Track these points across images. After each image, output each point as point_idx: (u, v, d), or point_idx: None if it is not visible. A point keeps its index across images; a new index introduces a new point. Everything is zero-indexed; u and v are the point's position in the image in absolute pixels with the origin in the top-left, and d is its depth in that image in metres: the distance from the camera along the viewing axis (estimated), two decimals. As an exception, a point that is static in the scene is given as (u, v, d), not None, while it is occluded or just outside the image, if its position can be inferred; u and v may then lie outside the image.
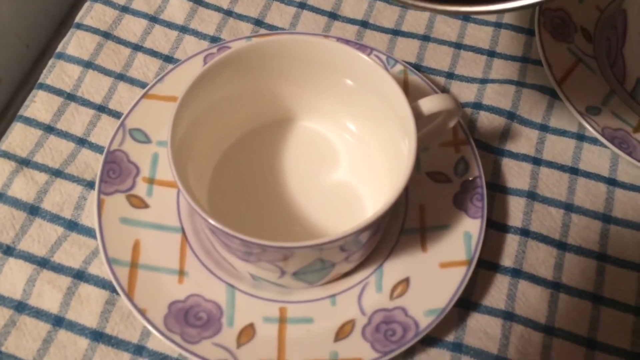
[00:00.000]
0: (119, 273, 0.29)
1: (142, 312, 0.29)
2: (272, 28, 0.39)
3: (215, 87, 0.30)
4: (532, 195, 0.34)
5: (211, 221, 0.25)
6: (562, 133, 0.36)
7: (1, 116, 0.39)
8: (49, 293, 0.31)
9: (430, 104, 0.29)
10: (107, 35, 0.38)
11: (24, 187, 0.33)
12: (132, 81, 0.37)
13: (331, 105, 0.33)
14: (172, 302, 0.29)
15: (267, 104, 0.33)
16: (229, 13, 0.39)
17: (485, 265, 0.32)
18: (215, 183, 0.32)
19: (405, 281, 0.30)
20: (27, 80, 0.41)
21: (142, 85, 0.36)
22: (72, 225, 0.32)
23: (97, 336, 0.30)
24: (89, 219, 0.32)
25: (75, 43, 0.37)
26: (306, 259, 0.27)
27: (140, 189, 0.32)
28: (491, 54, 0.39)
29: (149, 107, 0.34)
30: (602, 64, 0.38)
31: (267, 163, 0.33)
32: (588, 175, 0.35)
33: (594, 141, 0.36)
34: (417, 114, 0.28)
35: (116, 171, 0.32)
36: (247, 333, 0.29)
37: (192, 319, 0.29)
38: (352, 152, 0.34)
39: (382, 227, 0.30)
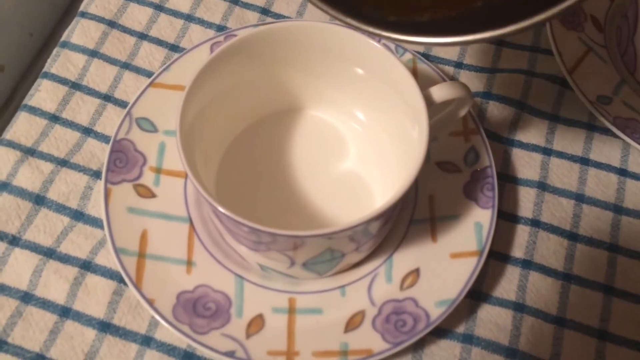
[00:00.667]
0: (127, 263, 0.29)
1: (150, 303, 0.28)
2: (278, 17, 0.39)
3: (223, 75, 0.29)
4: (542, 186, 0.34)
5: (221, 209, 0.25)
6: (573, 123, 0.36)
7: (5, 105, 0.39)
8: (55, 283, 0.30)
9: (441, 92, 0.28)
10: (112, 23, 0.37)
11: (29, 176, 0.32)
12: (138, 70, 0.36)
13: (340, 94, 0.33)
14: (180, 293, 0.29)
15: (275, 92, 0.33)
16: (235, 1, 0.39)
17: (496, 256, 0.32)
18: (223, 172, 0.32)
19: (416, 272, 0.30)
20: (30, 69, 0.40)
21: (148, 74, 0.36)
22: (78, 215, 0.32)
23: (105, 327, 0.29)
24: (95, 209, 0.32)
25: (80, 32, 0.37)
26: (316, 249, 0.27)
27: (148, 179, 0.32)
28: (500, 42, 0.38)
29: (155, 95, 0.33)
30: (613, 53, 0.38)
31: (275, 152, 0.33)
32: (599, 165, 0.35)
33: (605, 131, 0.36)
34: (429, 102, 0.28)
35: (123, 160, 0.32)
36: (256, 324, 0.29)
37: (200, 309, 0.29)
38: (360, 142, 0.33)
39: (392, 217, 0.30)
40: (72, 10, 0.42)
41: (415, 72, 0.35)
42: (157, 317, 0.28)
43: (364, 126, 0.33)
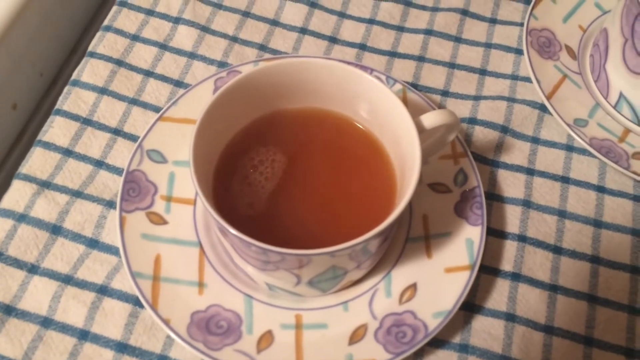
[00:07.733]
0: (143, 286, 0.31)
1: (166, 322, 0.30)
2: (275, 52, 0.41)
3: (230, 108, 0.31)
4: (527, 204, 0.36)
5: (233, 231, 0.27)
6: (553, 144, 0.39)
7: (17, 140, 0.41)
8: (74, 308, 0.32)
9: (431, 119, 0.31)
10: (119, 62, 0.40)
11: (46, 207, 0.34)
12: (145, 105, 0.38)
13: (343, 111, 0.34)
14: (193, 312, 0.31)
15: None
16: (234, 39, 0.41)
17: (487, 270, 0.34)
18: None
19: (413, 286, 0.32)
20: (40, 106, 0.43)
21: (155, 109, 0.38)
22: (93, 243, 0.34)
23: (122, 348, 0.31)
24: (109, 236, 0.34)
25: (90, 70, 0.39)
26: (321, 267, 0.29)
27: (159, 207, 0.34)
28: (483, 72, 0.41)
29: (164, 129, 0.35)
30: (587, 79, 0.40)
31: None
32: (578, 183, 0.37)
33: (583, 151, 0.38)
34: (420, 128, 0.30)
35: (136, 190, 0.34)
36: (266, 339, 0.31)
37: (213, 327, 0.30)
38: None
39: (390, 235, 0.32)
40: (78, 50, 0.45)
41: (405, 101, 0.38)
42: (174, 336, 0.30)
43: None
